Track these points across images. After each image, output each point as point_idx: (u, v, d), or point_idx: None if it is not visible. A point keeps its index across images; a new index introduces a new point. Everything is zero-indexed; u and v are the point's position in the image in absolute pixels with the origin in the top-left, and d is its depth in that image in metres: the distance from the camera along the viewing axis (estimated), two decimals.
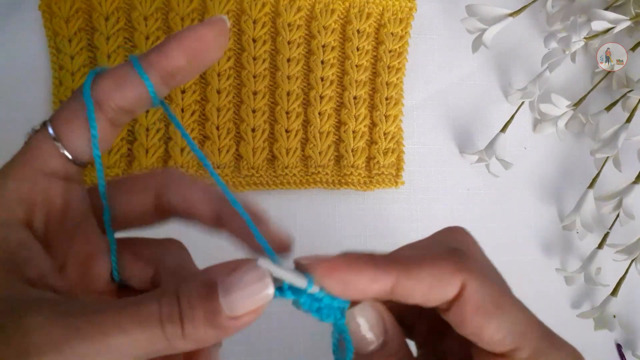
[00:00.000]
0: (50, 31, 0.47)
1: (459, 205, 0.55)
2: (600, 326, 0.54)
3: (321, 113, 0.51)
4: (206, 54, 0.24)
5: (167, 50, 0.24)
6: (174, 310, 0.20)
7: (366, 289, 0.22)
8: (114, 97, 0.24)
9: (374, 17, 0.52)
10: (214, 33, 0.24)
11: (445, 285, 0.22)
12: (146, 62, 0.24)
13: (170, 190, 0.26)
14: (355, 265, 0.22)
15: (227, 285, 0.21)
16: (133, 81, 0.24)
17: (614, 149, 0.51)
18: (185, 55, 0.24)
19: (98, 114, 0.24)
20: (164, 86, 0.24)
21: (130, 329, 0.20)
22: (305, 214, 0.52)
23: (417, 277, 0.22)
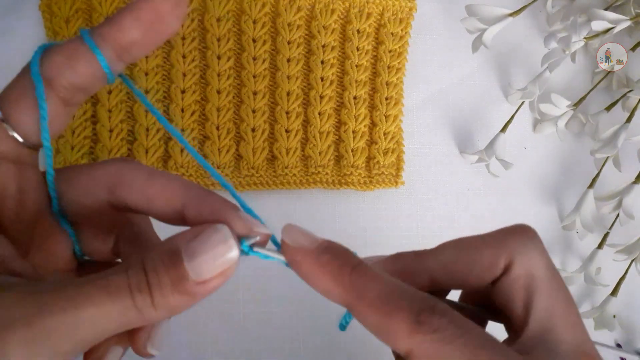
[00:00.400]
0: (50, 31, 0.47)
1: (459, 205, 0.55)
2: (600, 326, 0.54)
3: (321, 113, 0.51)
4: (162, 26, 0.23)
5: (121, 22, 0.22)
6: (141, 279, 0.20)
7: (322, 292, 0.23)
8: (65, 73, 0.22)
9: (374, 17, 0.52)
10: (171, 2, 0.22)
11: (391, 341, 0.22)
12: (98, 35, 0.22)
13: (123, 187, 0.24)
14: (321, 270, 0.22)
15: (191, 250, 0.21)
16: (85, 56, 0.22)
17: (614, 149, 0.51)
18: (140, 28, 0.22)
19: (49, 93, 0.22)
20: (119, 61, 0.23)
21: (100, 300, 0.20)
22: (305, 214, 0.52)
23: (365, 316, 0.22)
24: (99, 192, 0.24)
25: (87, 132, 0.47)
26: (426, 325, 0.21)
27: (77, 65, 0.22)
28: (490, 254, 0.25)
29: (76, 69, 0.22)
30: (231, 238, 0.21)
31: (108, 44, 0.22)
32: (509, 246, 0.25)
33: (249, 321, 0.49)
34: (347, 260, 0.23)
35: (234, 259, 0.21)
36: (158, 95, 0.48)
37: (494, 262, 0.25)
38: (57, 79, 0.22)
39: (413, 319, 0.21)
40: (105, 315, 0.20)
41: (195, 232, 0.21)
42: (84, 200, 0.24)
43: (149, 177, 0.24)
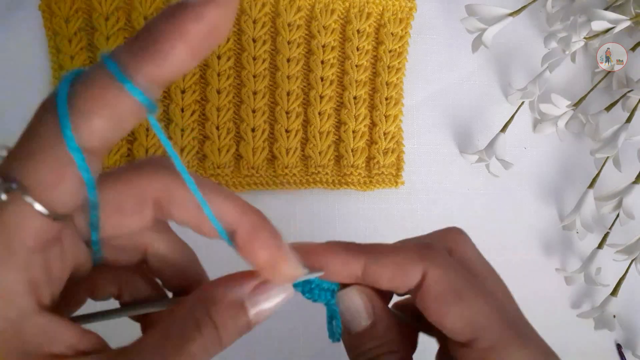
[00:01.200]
0: (50, 31, 0.47)
1: (459, 205, 0.55)
2: (600, 326, 0.54)
3: (321, 113, 0.51)
4: (214, 40, 0.18)
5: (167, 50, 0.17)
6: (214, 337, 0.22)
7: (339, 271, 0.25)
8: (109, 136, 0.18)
9: (374, 17, 0.52)
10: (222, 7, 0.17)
11: (406, 273, 0.25)
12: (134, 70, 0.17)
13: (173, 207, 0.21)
14: (331, 250, 0.25)
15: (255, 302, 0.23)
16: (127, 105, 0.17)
17: (614, 149, 0.51)
18: (191, 52, 0.17)
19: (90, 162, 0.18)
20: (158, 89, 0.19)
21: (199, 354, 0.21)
22: (305, 214, 0.52)
23: (382, 263, 0.25)
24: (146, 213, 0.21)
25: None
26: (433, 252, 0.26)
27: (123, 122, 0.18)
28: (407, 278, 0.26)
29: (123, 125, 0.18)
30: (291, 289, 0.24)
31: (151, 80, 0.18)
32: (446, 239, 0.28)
33: None
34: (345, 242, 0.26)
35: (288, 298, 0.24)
36: (158, 96, 0.48)
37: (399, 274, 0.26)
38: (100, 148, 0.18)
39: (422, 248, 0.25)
40: None
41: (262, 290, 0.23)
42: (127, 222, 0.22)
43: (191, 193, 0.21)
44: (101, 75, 0.17)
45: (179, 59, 0.17)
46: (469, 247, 0.28)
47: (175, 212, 0.21)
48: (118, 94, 0.17)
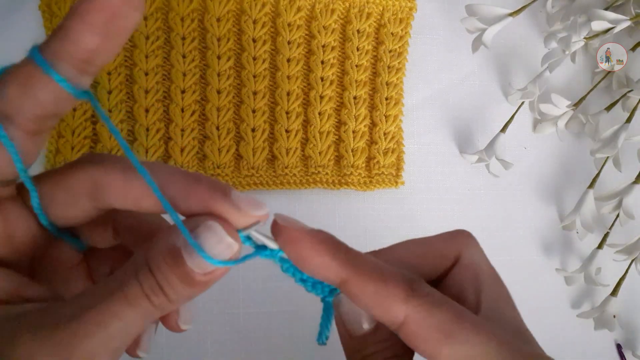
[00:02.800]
0: (50, 31, 0.47)
1: (459, 205, 0.55)
2: (600, 326, 0.54)
3: (321, 113, 0.51)
4: (120, 22, 0.20)
5: (70, 32, 0.19)
6: (152, 283, 0.21)
7: (317, 270, 0.23)
8: (24, 106, 0.20)
9: (374, 17, 0.52)
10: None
11: (387, 307, 0.23)
12: (51, 53, 0.19)
13: (104, 194, 0.23)
14: (317, 247, 0.23)
15: (190, 250, 0.21)
16: (41, 81, 0.20)
17: (614, 149, 0.51)
18: (95, 34, 0.19)
19: (12, 131, 0.20)
20: (83, 75, 0.20)
21: (124, 313, 0.20)
22: (305, 214, 0.52)
23: (363, 287, 0.23)
24: (82, 203, 0.23)
25: (87, 132, 0.47)
26: (419, 291, 0.23)
27: (35, 95, 0.20)
28: (441, 246, 0.27)
29: (35, 98, 0.20)
30: (226, 236, 0.21)
31: (64, 60, 0.20)
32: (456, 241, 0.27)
33: (249, 321, 0.49)
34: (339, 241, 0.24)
35: (233, 252, 0.21)
36: (158, 95, 0.48)
37: (445, 253, 0.27)
38: (17, 115, 0.20)
39: (407, 286, 0.23)
40: (132, 323, 0.21)
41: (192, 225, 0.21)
42: (71, 213, 0.23)
43: (125, 180, 0.22)
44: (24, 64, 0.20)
45: (81, 38, 0.19)
46: (477, 253, 0.27)
47: (110, 199, 0.23)
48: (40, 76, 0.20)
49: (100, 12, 0.19)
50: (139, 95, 0.48)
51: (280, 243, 0.23)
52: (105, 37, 0.19)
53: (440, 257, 0.27)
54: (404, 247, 0.28)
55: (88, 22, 0.19)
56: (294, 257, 0.23)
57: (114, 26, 0.19)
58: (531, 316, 0.28)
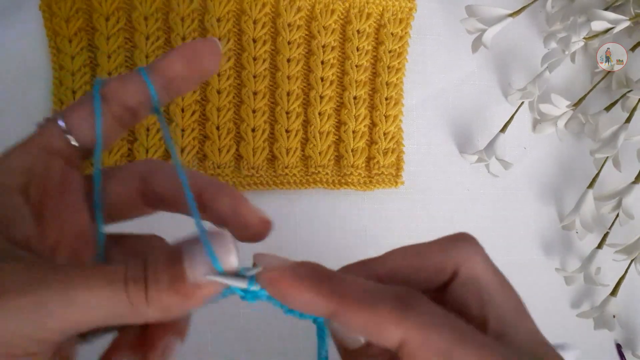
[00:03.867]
0: (50, 31, 0.47)
1: (459, 205, 0.55)
2: (600, 326, 0.54)
3: (321, 113, 0.51)
4: (201, 64, 0.27)
5: (168, 58, 0.26)
6: (138, 272, 0.21)
7: (303, 308, 0.23)
8: (119, 93, 0.26)
9: (374, 17, 0.52)
10: (209, 47, 0.27)
11: (381, 335, 0.21)
12: (149, 68, 0.26)
13: (154, 177, 0.27)
14: (299, 285, 0.22)
15: (191, 253, 0.21)
16: (136, 82, 0.26)
17: (614, 149, 0.52)
18: (183, 62, 0.26)
19: (103, 107, 0.26)
20: (164, 92, 0.27)
21: (94, 285, 0.20)
22: (305, 214, 0.52)
23: (353, 316, 0.22)
24: (132, 183, 0.27)
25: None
26: (413, 311, 0.21)
27: (129, 89, 0.26)
28: (437, 258, 0.25)
29: (128, 91, 0.26)
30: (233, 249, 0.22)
31: (156, 75, 0.26)
32: (454, 252, 0.25)
33: (249, 321, 0.49)
34: (322, 270, 0.23)
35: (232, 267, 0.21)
36: None
37: (441, 266, 0.25)
38: (112, 97, 0.26)
39: (399, 307, 0.21)
40: (97, 300, 0.20)
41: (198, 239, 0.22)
42: (119, 188, 0.27)
43: (173, 168, 0.27)
44: (129, 71, 0.27)
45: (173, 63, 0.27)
46: (479, 261, 0.25)
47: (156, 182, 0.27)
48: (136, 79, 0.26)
49: (190, 50, 0.27)
50: None
51: (261, 284, 0.23)
52: (188, 68, 0.26)
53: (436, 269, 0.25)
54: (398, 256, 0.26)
55: (181, 54, 0.26)
56: (277, 297, 0.23)
57: (196, 64, 0.27)
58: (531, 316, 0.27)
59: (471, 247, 0.25)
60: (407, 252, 0.26)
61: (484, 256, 0.25)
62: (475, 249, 0.25)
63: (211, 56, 0.27)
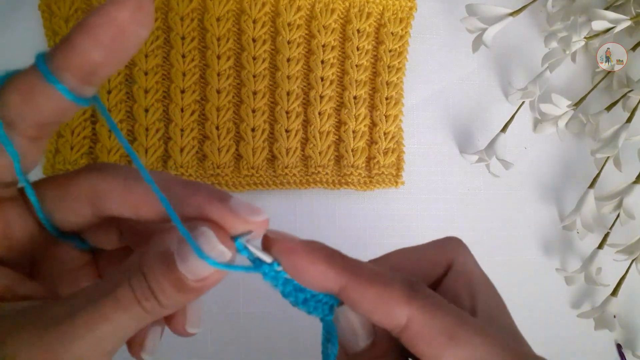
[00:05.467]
0: (50, 31, 0.47)
1: (459, 205, 0.55)
2: (601, 326, 0.54)
3: (321, 113, 0.51)
4: (126, 38, 0.20)
5: (76, 44, 0.20)
6: (144, 288, 0.20)
7: (315, 280, 0.23)
8: (25, 114, 0.20)
9: (374, 17, 0.52)
10: (128, 9, 0.19)
11: (389, 312, 0.22)
12: (55, 64, 0.20)
13: (104, 201, 0.23)
14: (312, 256, 0.23)
15: (183, 253, 0.21)
16: (44, 90, 0.20)
17: (614, 148, 0.51)
18: (101, 48, 0.20)
19: (13, 136, 0.21)
20: (87, 86, 0.21)
21: (114, 317, 0.20)
22: (305, 214, 0.52)
23: (363, 291, 0.22)
24: (82, 210, 0.24)
25: (87, 132, 0.47)
26: (421, 293, 0.23)
27: (37, 103, 0.20)
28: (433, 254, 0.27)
29: (36, 106, 0.20)
30: (218, 244, 0.21)
31: (68, 71, 0.20)
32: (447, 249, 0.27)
33: (249, 321, 0.49)
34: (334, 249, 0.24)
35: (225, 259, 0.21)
36: (158, 95, 0.48)
37: (437, 260, 0.27)
38: (18, 122, 0.21)
39: (408, 288, 0.23)
40: (122, 326, 0.21)
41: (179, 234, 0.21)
42: (72, 218, 0.24)
43: (125, 187, 0.23)
44: (27, 72, 0.20)
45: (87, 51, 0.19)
46: (469, 260, 0.27)
47: (109, 206, 0.23)
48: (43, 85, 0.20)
49: (107, 28, 0.19)
50: (139, 95, 0.48)
51: (275, 255, 0.23)
52: (110, 52, 0.20)
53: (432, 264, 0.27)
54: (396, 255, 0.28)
55: (94, 37, 0.19)
56: (290, 268, 0.23)
57: (120, 42, 0.20)
58: (531, 316, 0.28)
59: (461, 247, 0.28)
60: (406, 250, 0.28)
61: (472, 255, 0.28)
62: (465, 249, 0.27)
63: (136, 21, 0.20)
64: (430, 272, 0.27)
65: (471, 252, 0.28)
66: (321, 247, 0.23)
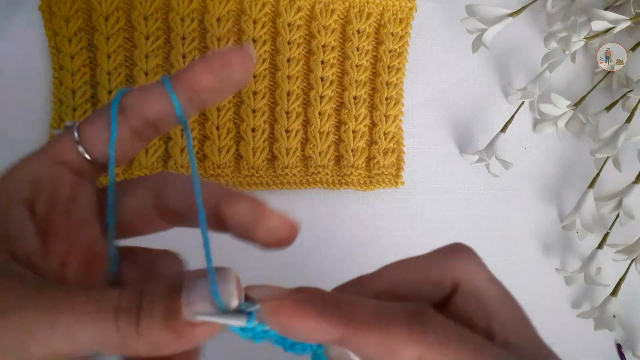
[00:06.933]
0: (50, 31, 0.47)
1: (458, 205, 0.55)
2: (600, 326, 0.54)
3: (321, 113, 0.51)
4: (230, 74, 0.24)
5: (193, 69, 0.24)
6: (132, 302, 0.20)
7: (308, 336, 0.21)
8: (138, 104, 0.24)
9: (374, 17, 0.52)
10: (239, 57, 0.24)
11: (396, 355, 0.20)
12: (174, 79, 0.24)
13: (168, 190, 0.26)
14: (301, 312, 0.21)
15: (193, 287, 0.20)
16: (158, 93, 0.24)
17: (614, 149, 0.51)
18: (210, 74, 0.24)
19: (121, 120, 0.24)
20: (190, 105, 0.25)
21: (82, 310, 0.19)
22: (305, 214, 0.52)
23: (365, 339, 0.20)
24: (145, 197, 0.26)
25: None
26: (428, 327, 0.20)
27: (150, 100, 0.24)
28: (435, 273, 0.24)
29: (149, 102, 0.24)
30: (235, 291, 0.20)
31: (181, 87, 0.24)
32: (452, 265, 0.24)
33: None
34: (324, 294, 0.22)
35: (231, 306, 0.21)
36: None
37: (441, 281, 0.24)
38: (130, 109, 0.24)
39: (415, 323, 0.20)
40: (83, 327, 0.19)
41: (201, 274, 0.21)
42: (132, 202, 0.26)
43: (188, 181, 0.25)
44: (153, 82, 0.25)
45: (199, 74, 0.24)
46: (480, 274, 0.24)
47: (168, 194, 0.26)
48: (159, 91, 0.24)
49: (218, 60, 0.24)
50: None
51: (261, 318, 0.21)
52: (216, 79, 0.24)
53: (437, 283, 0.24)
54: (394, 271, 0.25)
55: (208, 64, 0.24)
56: (279, 330, 0.21)
57: (224, 74, 0.24)
58: (531, 316, 0.27)
59: (469, 258, 0.25)
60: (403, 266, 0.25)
61: (483, 267, 0.25)
62: (473, 260, 0.25)
63: (242, 66, 0.24)
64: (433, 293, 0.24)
65: (481, 260, 0.25)
66: (309, 296, 0.21)
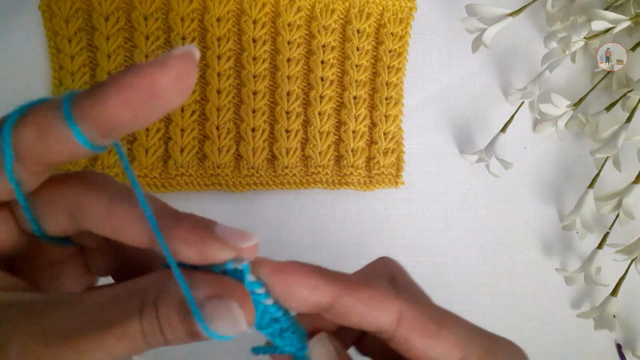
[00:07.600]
0: (50, 31, 0.47)
1: (459, 205, 0.55)
2: (600, 326, 0.54)
3: (321, 113, 0.51)
4: (158, 105, 0.19)
5: (105, 99, 0.18)
6: (154, 327, 0.20)
7: (307, 296, 0.22)
8: (37, 153, 0.20)
9: (374, 17, 0.52)
10: (170, 77, 0.18)
11: (382, 309, 0.23)
12: (79, 110, 0.19)
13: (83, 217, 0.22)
14: (301, 272, 0.23)
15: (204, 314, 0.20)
16: (60, 133, 0.19)
17: (614, 149, 0.51)
18: (131, 110, 0.18)
19: (18, 167, 0.20)
20: (106, 139, 0.19)
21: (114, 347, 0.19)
22: (305, 214, 0.52)
23: (357, 296, 0.23)
24: (62, 220, 0.22)
25: None
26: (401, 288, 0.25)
27: (50, 143, 0.19)
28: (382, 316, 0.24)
29: (49, 147, 0.19)
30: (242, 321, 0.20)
31: (92, 123, 0.19)
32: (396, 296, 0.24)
33: None
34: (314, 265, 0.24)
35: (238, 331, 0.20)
36: None
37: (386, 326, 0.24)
38: (27, 158, 0.20)
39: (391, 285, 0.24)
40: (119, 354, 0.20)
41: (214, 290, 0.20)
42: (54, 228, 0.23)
43: (108, 208, 0.21)
44: (50, 109, 0.19)
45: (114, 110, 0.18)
46: (406, 273, 0.28)
47: (88, 223, 0.22)
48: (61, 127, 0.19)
49: (143, 92, 0.18)
50: None
51: (263, 277, 0.22)
52: (139, 114, 0.19)
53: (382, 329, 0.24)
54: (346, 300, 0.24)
55: (128, 99, 0.18)
56: (282, 286, 0.22)
57: (152, 107, 0.19)
58: (531, 316, 0.27)
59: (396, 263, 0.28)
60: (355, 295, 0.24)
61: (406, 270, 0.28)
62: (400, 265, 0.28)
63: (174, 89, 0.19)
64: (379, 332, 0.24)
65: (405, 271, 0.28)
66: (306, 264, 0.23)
